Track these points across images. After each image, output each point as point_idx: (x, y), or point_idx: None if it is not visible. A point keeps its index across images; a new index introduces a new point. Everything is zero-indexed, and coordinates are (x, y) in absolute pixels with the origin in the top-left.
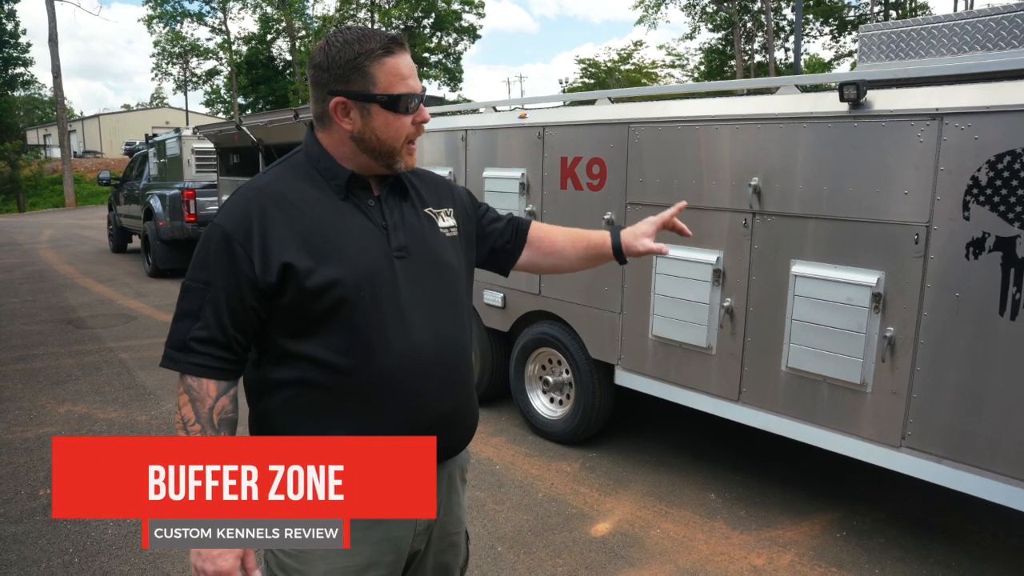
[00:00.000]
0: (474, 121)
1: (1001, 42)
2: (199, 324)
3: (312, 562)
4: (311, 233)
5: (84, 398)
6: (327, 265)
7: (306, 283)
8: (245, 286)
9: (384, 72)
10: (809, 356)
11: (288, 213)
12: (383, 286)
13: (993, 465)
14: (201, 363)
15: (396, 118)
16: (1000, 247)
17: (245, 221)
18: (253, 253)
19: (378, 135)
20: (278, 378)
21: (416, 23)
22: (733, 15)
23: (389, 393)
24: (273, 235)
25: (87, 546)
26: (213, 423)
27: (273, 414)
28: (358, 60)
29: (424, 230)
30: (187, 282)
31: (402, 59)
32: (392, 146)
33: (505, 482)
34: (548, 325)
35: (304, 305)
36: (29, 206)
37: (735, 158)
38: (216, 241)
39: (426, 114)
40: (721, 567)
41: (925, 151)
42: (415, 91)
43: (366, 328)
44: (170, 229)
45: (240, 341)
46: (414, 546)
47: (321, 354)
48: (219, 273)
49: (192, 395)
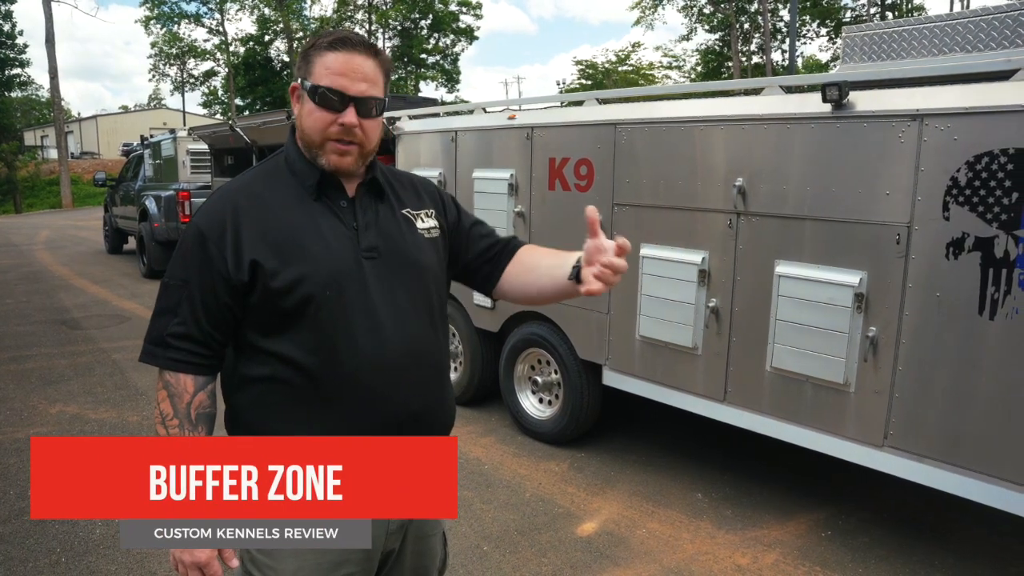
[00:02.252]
0: (464, 122)
1: (981, 44)
2: (176, 320)
3: (283, 558)
4: (279, 233)
5: (76, 399)
6: (292, 265)
7: (272, 282)
8: (219, 283)
9: (320, 64)
10: (793, 356)
11: (260, 213)
12: (350, 286)
13: (975, 464)
14: (178, 358)
15: (315, 109)
16: (979, 247)
17: (219, 220)
18: (226, 251)
19: (303, 125)
20: (250, 374)
21: (414, 24)
22: (730, 16)
23: (356, 391)
24: (245, 234)
25: (74, 546)
26: (191, 418)
27: (243, 410)
28: (309, 50)
29: (399, 231)
30: (166, 279)
31: (344, 57)
32: (312, 138)
33: (493, 482)
34: (537, 326)
35: (271, 303)
36: (26, 207)
37: (720, 159)
38: (192, 240)
39: (351, 117)
40: (706, 566)
41: (906, 152)
42: (343, 89)
43: (332, 327)
44: (165, 230)
45: (216, 337)
46: (387, 545)
47: (289, 352)
48: (195, 271)
49: (170, 390)
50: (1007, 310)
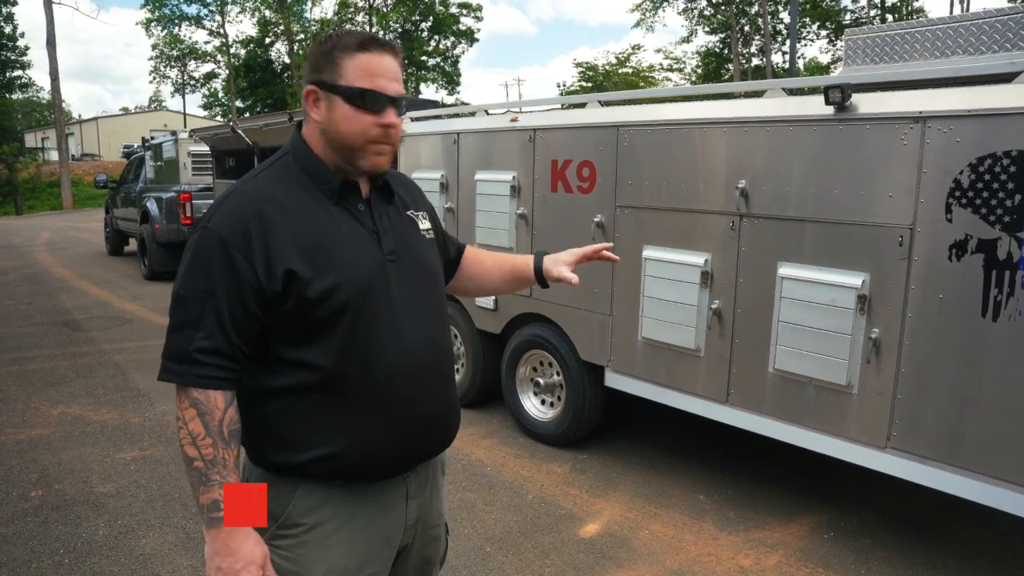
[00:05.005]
0: (467, 124)
1: (983, 46)
2: (201, 334)
3: (312, 564)
4: (309, 240)
5: (78, 400)
6: (326, 274)
7: (307, 292)
8: (248, 293)
9: (353, 65)
10: (795, 358)
11: (286, 219)
12: (378, 291)
13: (977, 466)
14: (208, 375)
15: (356, 113)
16: (982, 249)
17: (242, 226)
18: (255, 260)
19: (339, 128)
20: (274, 385)
21: (414, 26)
22: (730, 18)
23: (385, 396)
24: (275, 242)
25: (77, 547)
26: (224, 435)
27: (268, 421)
28: (332, 51)
29: (409, 233)
30: (181, 291)
31: (376, 57)
32: (352, 142)
33: (495, 483)
34: (539, 327)
35: (304, 313)
36: (27, 209)
37: (723, 161)
38: (213, 247)
39: (392, 117)
40: (709, 568)
41: (909, 154)
42: (382, 90)
43: (364, 333)
44: (166, 232)
45: (244, 351)
46: (404, 540)
47: (320, 360)
48: (220, 280)
49: (200, 408)
50: (1010, 312)
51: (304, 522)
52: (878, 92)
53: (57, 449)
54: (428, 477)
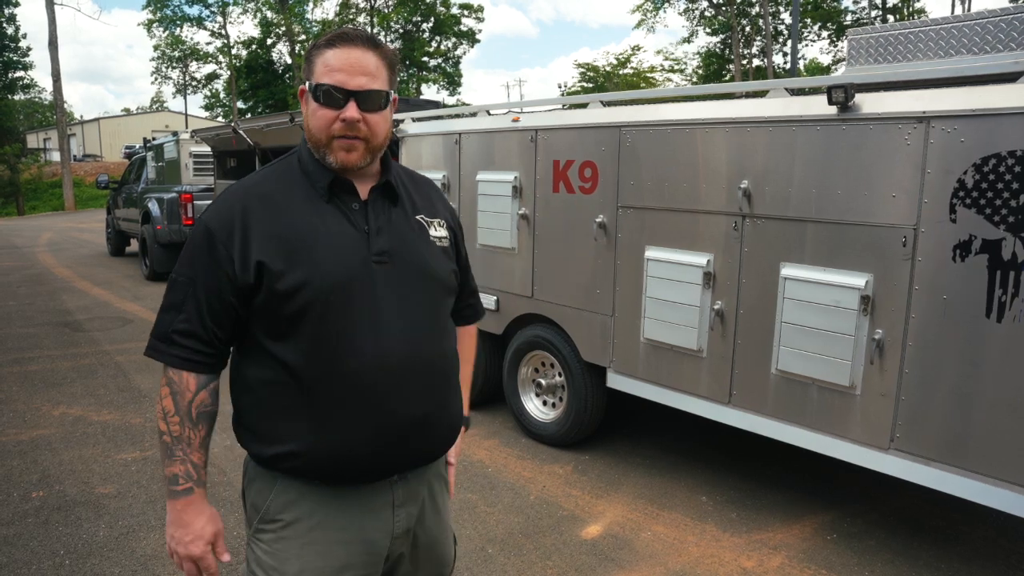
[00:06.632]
0: (468, 125)
1: (987, 46)
2: (181, 317)
3: (287, 560)
4: (287, 235)
5: (79, 400)
6: (296, 268)
7: (276, 285)
8: (224, 283)
9: (320, 62)
10: (798, 358)
11: (270, 213)
12: (357, 291)
13: (981, 468)
14: (181, 355)
15: (317, 108)
16: (986, 250)
17: (228, 219)
18: (234, 251)
19: (309, 125)
20: (255, 376)
21: (415, 27)
22: (731, 19)
23: (358, 397)
24: (253, 234)
25: (78, 548)
26: (191, 416)
27: (248, 412)
28: (311, 51)
29: (412, 236)
30: (174, 275)
31: (341, 52)
32: (318, 138)
33: (497, 484)
34: (541, 328)
35: (275, 306)
36: (28, 209)
37: (725, 161)
38: (200, 238)
39: (352, 112)
40: (711, 569)
41: (912, 154)
42: (342, 85)
43: (335, 333)
44: (168, 232)
45: (219, 336)
46: (394, 548)
47: (291, 357)
48: (201, 269)
49: (173, 387)
50: (1015, 313)
51: (281, 518)
52: (881, 92)
53: (58, 450)
54: (422, 490)
